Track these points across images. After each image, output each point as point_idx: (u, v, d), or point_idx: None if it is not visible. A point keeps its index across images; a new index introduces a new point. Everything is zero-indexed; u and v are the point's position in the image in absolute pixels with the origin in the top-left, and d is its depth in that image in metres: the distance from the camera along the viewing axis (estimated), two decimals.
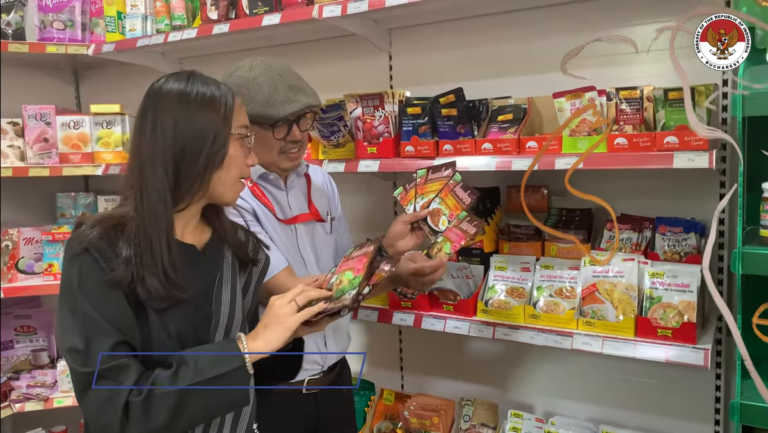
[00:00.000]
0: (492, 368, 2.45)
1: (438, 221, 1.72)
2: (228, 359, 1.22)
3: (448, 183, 1.75)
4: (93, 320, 1.17)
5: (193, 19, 2.65)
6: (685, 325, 1.72)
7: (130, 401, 1.15)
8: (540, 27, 2.19)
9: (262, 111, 1.65)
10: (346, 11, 2.13)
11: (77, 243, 1.21)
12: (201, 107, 1.28)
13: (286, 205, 1.81)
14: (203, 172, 1.28)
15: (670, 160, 1.67)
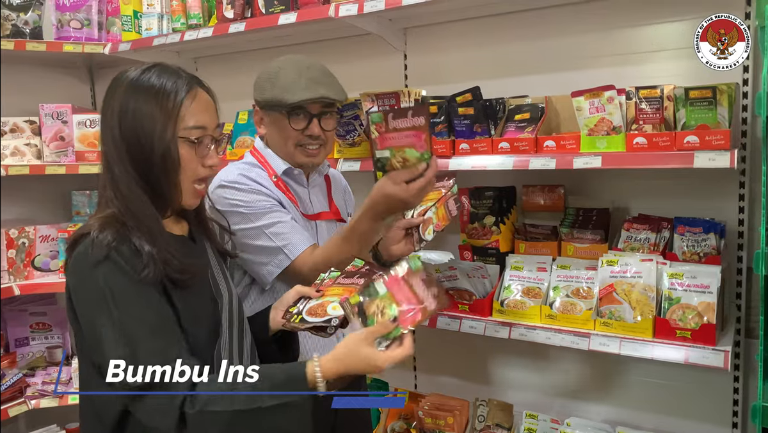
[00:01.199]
0: (506, 368, 2.43)
1: (426, 229, 1.68)
2: (292, 388, 1.14)
3: (445, 194, 1.73)
4: (134, 326, 1.13)
5: (209, 18, 2.66)
6: (705, 326, 1.70)
7: (185, 412, 1.10)
8: (557, 25, 2.18)
9: (281, 96, 1.67)
10: (363, 10, 2.13)
11: (96, 252, 1.15)
12: (147, 97, 1.22)
13: (308, 202, 1.82)
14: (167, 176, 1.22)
15: (690, 160, 1.66)
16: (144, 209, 1.21)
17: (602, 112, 1.79)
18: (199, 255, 1.36)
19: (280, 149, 1.76)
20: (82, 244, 1.18)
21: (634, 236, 1.99)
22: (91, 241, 1.17)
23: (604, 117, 1.79)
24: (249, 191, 1.67)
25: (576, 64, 2.15)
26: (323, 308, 1.35)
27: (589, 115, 1.81)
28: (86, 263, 1.16)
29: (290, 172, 1.77)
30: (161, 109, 1.22)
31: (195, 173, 1.27)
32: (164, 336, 1.15)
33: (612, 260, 1.89)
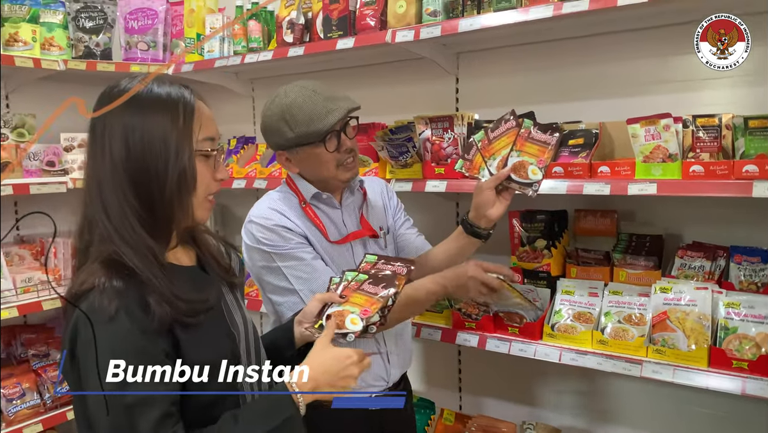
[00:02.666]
0: (554, 392, 2.42)
1: (527, 172, 1.63)
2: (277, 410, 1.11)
3: (519, 133, 1.67)
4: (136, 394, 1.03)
5: (268, 42, 2.76)
6: (763, 357, 1.67)
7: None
8: (611, 52, 2.20)
9: (308, 129, 1.67)
10: (419, 36, 2.18)
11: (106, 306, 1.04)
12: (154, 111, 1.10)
13: (341, 224, 1.83)
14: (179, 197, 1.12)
15: (749, 189, 1.65)
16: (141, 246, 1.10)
17: (658, 139, 1.80)
18: (210, 285, 1.25)
19: (319, 177, 1.77)
20: (87, 300, 1.06)
21: (688, 263, 1.98)
22: (99, 292, 1.05)
23: (659, 144, 1.80)
24: (274, 229, 1.69)
25: (630, 91, 2.16)
26: (342, 319, 1.32)
27: (645, 143, 1.82)
28: (96, 318, 1.04)
29: (319, 196, 1.79)
30: (174, 123, 1.12)
31: (208, 188, 1.19)
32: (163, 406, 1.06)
33: (665, 287, 1.89)
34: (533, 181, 1.64)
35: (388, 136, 2.25)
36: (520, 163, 1.65)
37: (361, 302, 1.36)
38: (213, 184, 1.20)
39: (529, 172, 1.64)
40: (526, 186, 1.64)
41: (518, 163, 1.65)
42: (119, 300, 1.05)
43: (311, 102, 1.67)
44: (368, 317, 1.31)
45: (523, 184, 1.64)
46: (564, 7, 1.88)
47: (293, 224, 1.74)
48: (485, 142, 1.74)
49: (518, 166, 1.65)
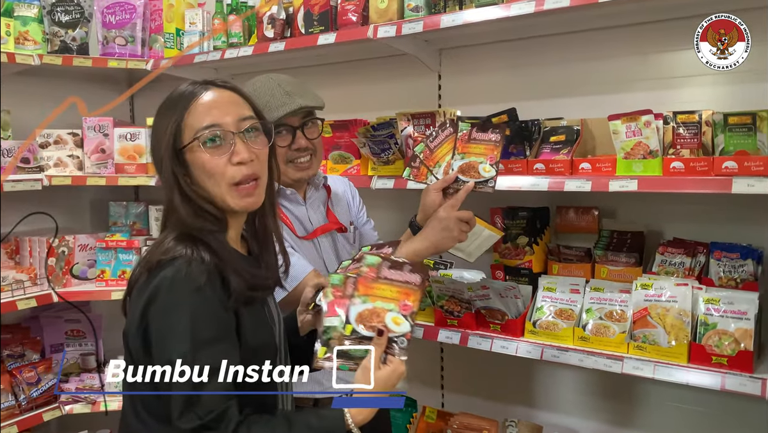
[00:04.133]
0: (536, 389, 2.42)
1: (478, 171, 1.65)
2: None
3: (458, 137, 1.69)
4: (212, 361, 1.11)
5: (249, 37, 2.73)
6: (742, 353, 1.68)
7: None
8: (593, 49, 2.20)
9: None
10: (401, 32, 2.17)
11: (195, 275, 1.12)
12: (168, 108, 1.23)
13: (307, 220, 1.81)
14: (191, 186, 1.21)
15: (728, 186, 1.65)
16: (204, 225, 1.21)
17: (639, 136, 1.80)
18: (259, 277, 1.30)
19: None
20: (172, 267, 1.14)
21: (668, 260, 1.98)
22: (187, 262, 1.14)
23: (640, 141, 1.80)
24: None
25: (612, 88, 2.17)
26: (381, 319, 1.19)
27: (626, 139, 1.82)
28: (180, 289, 1.12)
29: (282, 192, 1.76)
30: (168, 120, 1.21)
31: (225, 175, 1.20)
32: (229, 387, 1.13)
33: (646, 283, 1.89)
34: (488, 178, 1.66)
35: (369, 132, 2.23)
36: (468, 164, 1.68)
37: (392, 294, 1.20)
38: (231, 170, 1.20)
39: (480, 171, 1.67)
40: (481, 184, 1.66)
41: (466, 165, 1.68)
42: (206, 271, 1.13)
43: (269, 93, 1.66)
44: (411, 312, 1.16)
45: (478, 183, 1.66)
46: (546, 3, 1.88)
47: None
48: (427, 153, 1.77)
49: (466, 167, 1.68)
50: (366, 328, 1.17)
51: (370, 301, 1.20)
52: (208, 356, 1.11)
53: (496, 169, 1.66)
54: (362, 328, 1.17)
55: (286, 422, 1.15)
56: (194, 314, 1.12)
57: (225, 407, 1.11)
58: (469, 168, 1.66)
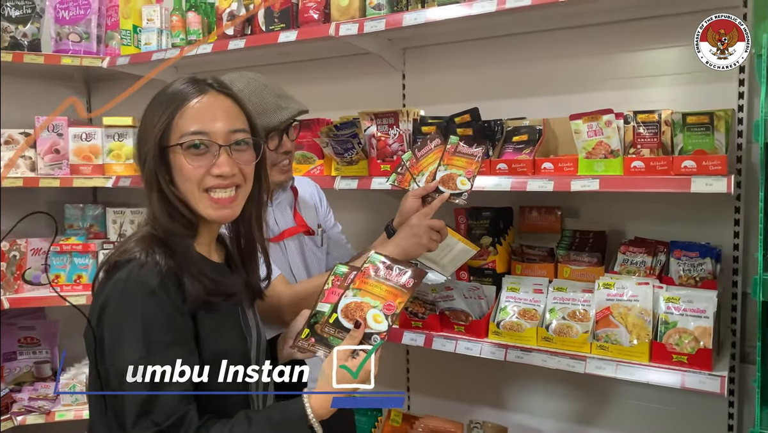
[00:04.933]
0: (501, 390, 2.42)
1: (456, 183, 1.68)
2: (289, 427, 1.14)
3: (446, 149, 1.73)
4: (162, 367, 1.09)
5: (208, 34, 2.66)
6: (702, 351, 1.70)
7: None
8: (555, 49, 2.20)
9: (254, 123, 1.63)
10: (363, 30, 2.14)
11: (147, 279, 1.11)
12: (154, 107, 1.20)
13: (273, 222, 1.78)
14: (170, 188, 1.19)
15: (687, 185, 1.67)
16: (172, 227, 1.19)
17: (600, 135, 1.80)
18: (233, 285, 1.28)
19: None
20: (126, 269, 1.12)
21: (630, 259, 1.99)
22: (140, 265, 1.12)
23: (602, 140, 1.80)
24: None
25: (574, 88, 2.17)
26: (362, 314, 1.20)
27: (587, 138, 1.82)
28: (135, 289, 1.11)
29: None
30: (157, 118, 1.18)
31: (201, 183, 1.18)
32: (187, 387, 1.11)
33: (608, 282, 1.89)
34: (463, 191, 1.69)
35: (332, 132, 2.19)
36: (449, 175, 1.70)
37: (381, 293, 1.22)
38: (208, 179, 1.18)
39: (458, 183, 1.69)
40: (455, 196, 1.69)
41: (446, 176, 1.70)
42: (159, 274, 1.11)
43: (261, 96, 1.63)
44: (393, 313, 1.18)
45: (452, 195, 1.69)
46: (507, 2, 1.87)
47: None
48: (413, 161, 1.79)
49: (447, 178, 1.70)
50: (348, 320, 1.20)
51: (359, 295, 1.23)
52: (161, 361, 1.08)
53: (471, 184, 1.68)
54: (344, 319, 1.20)
55: (246, 420, 1.12)
56: (146, 319, 1.10)
57: (183, 411, 1.09)
58: (449, 179, 1.69)
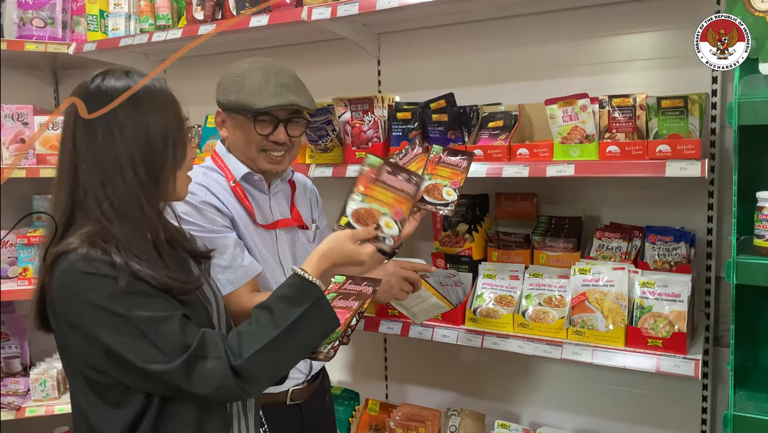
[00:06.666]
0: (478, 377, 2.42)
1: (441, 193, 1.68)
2: (301, 296, 1.22)
3: (428, 159, 1.72)
4: (148, 319, 1.13)
5: (178, 20, 2.60)
6: (676, 335, 1.70)
7: (234, 367, 1.14)
8: (531, 34, 2.19)
9: (248, 99, 1.63)
10: (336, 14, 2.10)
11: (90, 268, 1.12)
12: (157, 104, 1.22)
13: (268, 210, 1.77)
14: (173, 173, 1.24)
15: (662, 169, 1.67)
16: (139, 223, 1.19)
17: (575, 120, 1.79)
18: (186, 262, 1.34)
19: (242, 154, 1.71)
20: (66, 260, 1.13)
21: (606, 244, 1.99)
22: (82, 256, 1.12)
23: (577, 125, 1.79)
24: (199, 207, 1.61)
25: (550, 73, 2.16)
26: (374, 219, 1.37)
27: (563, 123, 1.81)
28: (81, 277, 1.12)
29: (250, 177, 1.72)
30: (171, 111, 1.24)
31: (190, 165, 1.31)
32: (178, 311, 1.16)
33: (584, 268, 1.89)
34: (449, 202, 1.67)
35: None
36: (434, 186, 1.68)
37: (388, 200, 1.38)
38: (191, 163, 1.31)
39: (443, 194, 1.68)
40: (441, 206, 1.67)
41: (431, 186, 1.68)
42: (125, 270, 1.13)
43: (265, 78, 1.64)
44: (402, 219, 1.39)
45: (438, 205, 1.67)
46: None
47: (220, 203, 1.65)
48: None
49: (431, 188, 1.68)
50: (360, 224, 1.37)
51: (367, 201, 1.37)
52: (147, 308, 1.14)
53: (457, 195, 1.68)
54: (357, 224, 1.36)
55: (265, 309, 1.21)
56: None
57: (203, 334, 1.16)
58: (434, 189, 1.68)
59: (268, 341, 1.17)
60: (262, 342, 1.16)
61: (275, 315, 1.19)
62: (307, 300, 1.22)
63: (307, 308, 1.21)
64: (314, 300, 1.22)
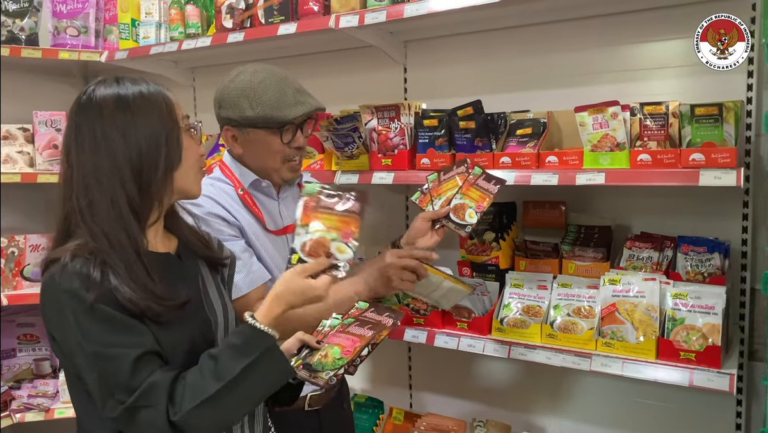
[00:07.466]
0: (504, 388, 2.38)
1: (464, 214, 1.68)
2: (250, 346, 1.15)
3: (467, 178, 1.73)
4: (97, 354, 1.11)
5: (207, 28, 2.63)
6: (710, 348, 1.66)
7: (172, 421, 1.10)
8: (559, 41, 2.16)
9: (271, 114, 1.62)
10: (363, 21, 2.10)
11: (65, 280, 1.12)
12: (144, 109, 1.20)
13: (278, 215, 1.77)
14: (165, 175, 1.21)
15: (695, 178, 1.63)
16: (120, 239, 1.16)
17: (606, 128, 1.76)
18: (187, 273, 1.31)
19: (263, 166, 1.71)
20: (48, 271, 1.15)
21: (636, 254, 1.96)
22: (61, 267, 1.13)
23: (607, 133, 1.76)
24: (205, 218, 1.60)
25: (579, 81, 2.13)
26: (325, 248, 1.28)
27: (593, 131, 1.78)
28: (55, 289, 1.13)
29: (258, 184, 1.72)
30: (164, 112, 1.22)
31: (198, 162, 1.28)
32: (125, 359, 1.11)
33: (614, 278, 1.86)
34: (467, 224, 1.67)
35: (333, 126, 2.16)
36: (461, 205, 1.70)
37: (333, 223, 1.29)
38: (201, 158, 1.29)
39: (466, 215, 1.69)
40: (460, 227, 1.68)
41: (459, 205, 1.70)
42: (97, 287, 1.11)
43: (280, 88, 1.64)
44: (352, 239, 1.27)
45: (458, 225, 1.69)
46: None
47: (227, 214, 1.66)
48: (435, 183, 1.80)
49: (458, 207, 1.70)
50: (312, 258, 1.27)
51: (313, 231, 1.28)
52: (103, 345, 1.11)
53: (477, 219, 1.68)
54: (309, 258, 1.27)
55: (211, 360, 1.15)
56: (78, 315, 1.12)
57: (146, 383, 1.10)
58: (461, 208, 1.70)
59: (209, 395, 1.11)
60: (202, 396, 1.11)
61: (219, 366, 1.13)
62: (256, 350, 1.14)
63: (256, 359, 1.14)
64: (263, 350, 1.15)
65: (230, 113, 1.66)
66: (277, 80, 1.65)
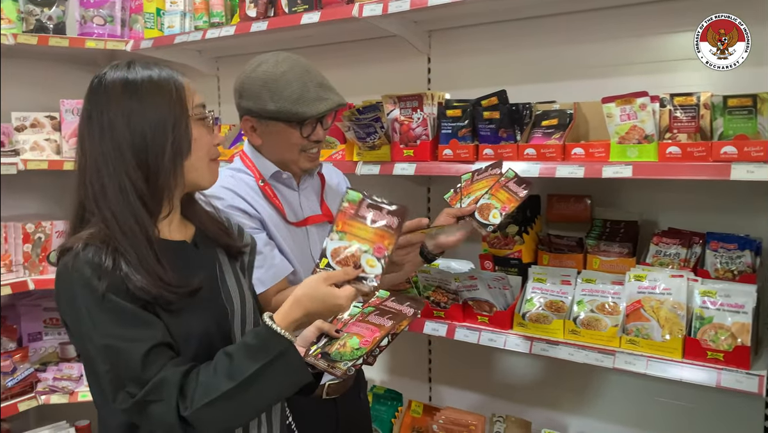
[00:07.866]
0: (525, 383, 2.35)
1: (488, 214, 1.66)
2: (265, 348, 1.12)
3: (499, 180, 1.72)
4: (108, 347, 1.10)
5: (231, 17, 2.63)
6: (739, 348, 1.61)
7: (183, 416, 1.09)
8: (586, 31, 2.11)
9: (293, 108, 1.61)
10: (387, 10, 2.08)
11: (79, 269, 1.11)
12: (152, 94, 1.17)
13: (298, 207, 1.76)
14: (173, 164, 1.17)
15: (727, 172, 1.57)
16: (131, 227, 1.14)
17: (634, 119, 1.71)
18: (204, 261, 1.28)
19: (281, 157, 1.70)
20: (63, 259, 1.15)
21: (663, 250, 1.91)
22: (74, 256, 1.12)
23: (635, 125, 1.71)
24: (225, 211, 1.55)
25: (606, 71, 2.08)
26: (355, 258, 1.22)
27: (620, 123, 1.73)
28: (68, 279, 1.12)
29: (278, 175, 1.72)
30: (172, 98, 1.18)
31: (210, 152, 1.24)
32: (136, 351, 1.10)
33: (640, 275, 1.81)
34: (490, 224, 1.66)
35: (355, 116, 2.14)
36: (487, 205, 1.69)
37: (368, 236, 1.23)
38: (213, 150, 1.25)
39: (490, 215, 1.68)
40: (482, 226, 1.67)
41: (485, 205, 1.69)
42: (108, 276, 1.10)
43: (302, 82, 1.62)
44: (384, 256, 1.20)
45: (481, 224, 1.67)
46: None
47: (248, 206, 1.65)
48: (468, 182, 1.80)
49: (484, 207, 1.69)
50: (341, 265, 1.22)
51: (346, 239, 1.23)
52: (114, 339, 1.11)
53: (500, 220, 1.67)
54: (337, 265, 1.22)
55: (225, 355, 1.13)
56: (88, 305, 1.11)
57: (157, 376, 1.09)
58: (486, 208, 1.69)
59: (220, 393, 1.09)
60: (214, 394, 1.09)
61: (233, 365, 1.11)
62: (271, 353, 1.12)
63: (269, 361, 1.11)
64: (278, 353, 1.12)
65: (251, 104, 1.65)
66: (299, 73, 1.63)
